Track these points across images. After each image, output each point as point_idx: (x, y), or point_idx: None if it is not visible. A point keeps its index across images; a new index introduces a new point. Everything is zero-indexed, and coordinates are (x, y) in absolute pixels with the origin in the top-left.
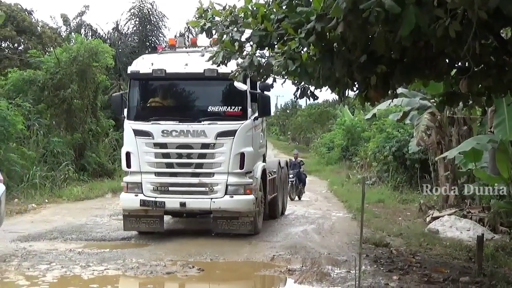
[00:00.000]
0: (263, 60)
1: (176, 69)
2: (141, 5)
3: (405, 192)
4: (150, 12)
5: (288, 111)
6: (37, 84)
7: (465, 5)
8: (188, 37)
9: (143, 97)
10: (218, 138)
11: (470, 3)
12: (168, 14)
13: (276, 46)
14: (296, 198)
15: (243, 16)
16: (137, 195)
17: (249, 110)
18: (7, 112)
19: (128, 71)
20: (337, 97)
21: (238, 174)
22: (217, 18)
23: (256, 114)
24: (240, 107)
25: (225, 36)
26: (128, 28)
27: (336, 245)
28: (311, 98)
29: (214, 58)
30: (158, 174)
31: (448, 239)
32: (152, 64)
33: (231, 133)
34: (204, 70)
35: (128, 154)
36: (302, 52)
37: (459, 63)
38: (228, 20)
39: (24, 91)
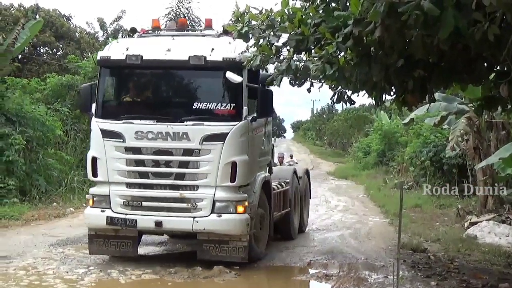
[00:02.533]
0: (301, 64)
1: (155, 55)
2: (177, 10)
3: (442, 197)
4: (186, 17)
5: (324, 116)
6: (75, 89)
7: (504, 8)
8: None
9: (114, 89)
10: (204, 143)
11: (509, 6)
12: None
13: (313, 50)
14: None
15: (279, 20)
16: (103, 211)
17: (245, 108)
18: (46, 117)
19: (98, 57)
20: (374, 101)
21: (228, 188)
22: (253, 22)
23: (255, 114)
24: (233, 105)
25: (262, 40)
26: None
27: (373, 250)
28: (348, 102)
29: (251, 62)
30: (129, 185)
31: (487, 245)
32: (127, 49)
33: (220, 137)
34: (189, 57)
35: (94, 160)
36: (340, 56)
37: (498, 67)
38: (264, 24)
39: (63, 96)
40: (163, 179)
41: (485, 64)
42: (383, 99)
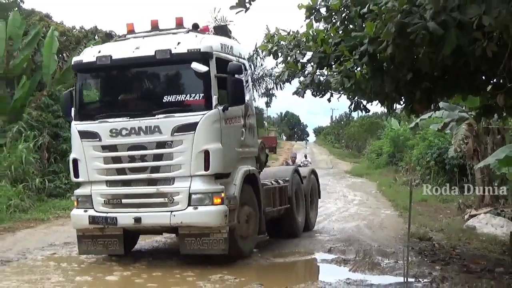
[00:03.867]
0: (322, 78)
1: (123, 54)
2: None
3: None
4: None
5: (342, 122)
6: None
7: (501, 28)
8: (255, 59)
9: (89, 92)
10: (175, 134)
11: (506, 27)
12: (239, 38)
13: (333, 66)
14: None
15: (305, 40)
16: (86, 211)
17: (214, 97)
18: None
19: (72, 62)
20: (386, 110)
21: (203, 179)
22: (282, 42)
23: (227, 104)
24: (201, 95)
25: (289, 57)
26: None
27: (385, 238)
28: (363, 110)
29: (280, 77)
30: (109, 183)
31: (484, 235)
32: (99, 51)
33: (191, 127)
34: (155, 51)
35: (75, 162)
36: (356, 71)
37: (495, 80)
38: (292, 43)
39: None
40: (139, 173)
41: (484, 77)
42: (394, 108)
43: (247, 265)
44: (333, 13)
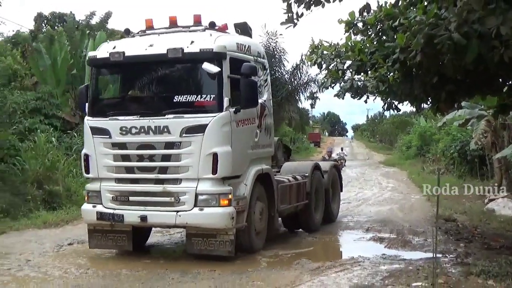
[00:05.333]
0: (360, 83)
1: (136, 51)
2: (268, 43)
3: (467, 180)
4: (274, 49)
5: (376, 120)
6: None
7: None
8: (301, 67)
9: (102, 88)
10: (184, 135)
11: None
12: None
13: (369, 72)
14: None
15: (344, 50)
16: (95, 206)
17: (226, 99)
18: None
19: (87, 57)
20: (414, 109)
21: (211, 181)
22: (325, 52)
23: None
24: (213, 96)
25: (331, 66)
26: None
27: (415, 220)
28: (395, 110)
29: (324, 84)
30: (118, 180)
31: (502, 216)
32: (114, 47)
33: (200, 129)
34: (167, 50)
35: (86, 157)
36: (389, 76)
37: (511, 82)
38: (333, 54)
39: None
40: (147, 173)
41: (501, 80)
42: (422, 107)
43: (297, 243)
44: (369, 27)
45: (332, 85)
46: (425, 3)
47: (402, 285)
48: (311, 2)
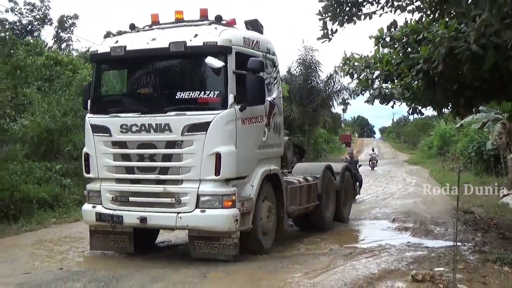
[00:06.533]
0: (387, 91)
1: (138, 45)
2: (305, 57)
3: (483, 177)
4: (311, 61)
5: (401, 123)
6: None
7: None
8: (334, 77)
9: (104, 84)
10: (186, 133)
11: None
12: (321, 61)
13: (396, 81)
14: None
15: (373, 61)
16: (95, 207)
17: (231, 96)
18: None
19: (89, 53)
20: (436, 113)
21: (214, 182)
22: (356, 63)
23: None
24: (217, 92)
25: (361, 76)
26: (296, 71)
27: (437, 212)
28: (419, 114)
29: (355, 91)
30: (118, 181)
31: None
32: (116, 42)
33: (203, 127)
34: (169, 43)
35: (86, 156)
36: (414, 84)
37: None
38: (363, 65)
39: None
40: (147, 173)
41: None
42: (443, 112)
43: (330, 231)
44: (395, 41)
45: (362, 92)
46: (446, 19)
47: (425, 270)
48: (344, 19)
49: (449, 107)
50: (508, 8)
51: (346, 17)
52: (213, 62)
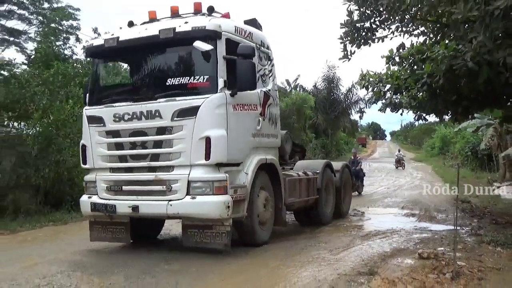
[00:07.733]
0: (397, 101)
1: (130, 35)
2: (328, 74)
3: (478, 172)
4: (333, 77)
5: (408, 127)
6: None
7: None
8: (352, 90)
9: (99, 76)
10: (176, 119)
11: None
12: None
13: (404, 92)
14: (356, 193)
15: (385, 77)
16: (90, 197)
17: (221, 80)
18: None
19: (86, 48)
20: (438, 119)
21: (204, 167)
22: (371, 79)
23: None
24: (206, 77)
25: (375, 88)
26: (320, 86)
27: (439, 201)
28: (423, 120)
29: (369, 100)
30: (112, 170)
31: (506, 200)
32: (112, 35)
33: (192, 111)
34: (159, 30)
35: (83, 148)
36: (419, 95)
37: None
38: (377, 80)
39: None
40: (140, 161)
41: (505, 97)
42: (444, 118)
43: (349, 217)
44: (403, 59)
45: (375, 101)
46: (447, 41)
47: (430, 249)
48: (361, 42)
49: (448, 115)
50: (500, 31)
51: (362, 41)
52: (201, 45)
